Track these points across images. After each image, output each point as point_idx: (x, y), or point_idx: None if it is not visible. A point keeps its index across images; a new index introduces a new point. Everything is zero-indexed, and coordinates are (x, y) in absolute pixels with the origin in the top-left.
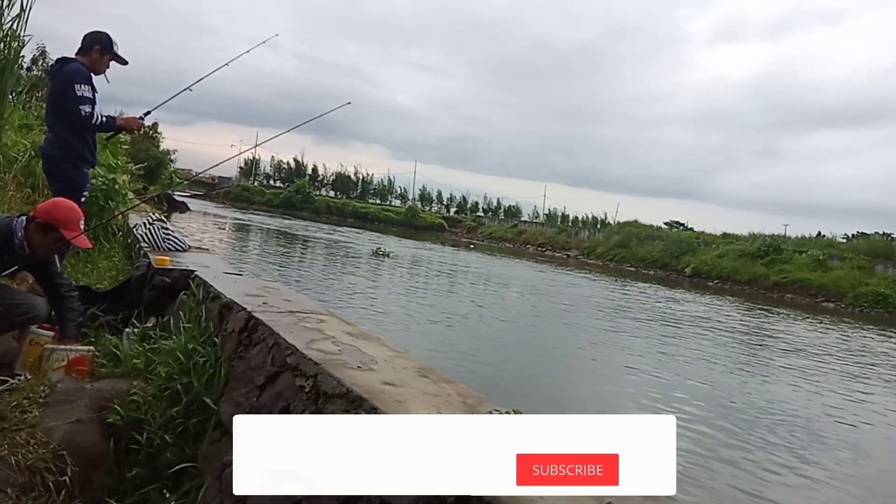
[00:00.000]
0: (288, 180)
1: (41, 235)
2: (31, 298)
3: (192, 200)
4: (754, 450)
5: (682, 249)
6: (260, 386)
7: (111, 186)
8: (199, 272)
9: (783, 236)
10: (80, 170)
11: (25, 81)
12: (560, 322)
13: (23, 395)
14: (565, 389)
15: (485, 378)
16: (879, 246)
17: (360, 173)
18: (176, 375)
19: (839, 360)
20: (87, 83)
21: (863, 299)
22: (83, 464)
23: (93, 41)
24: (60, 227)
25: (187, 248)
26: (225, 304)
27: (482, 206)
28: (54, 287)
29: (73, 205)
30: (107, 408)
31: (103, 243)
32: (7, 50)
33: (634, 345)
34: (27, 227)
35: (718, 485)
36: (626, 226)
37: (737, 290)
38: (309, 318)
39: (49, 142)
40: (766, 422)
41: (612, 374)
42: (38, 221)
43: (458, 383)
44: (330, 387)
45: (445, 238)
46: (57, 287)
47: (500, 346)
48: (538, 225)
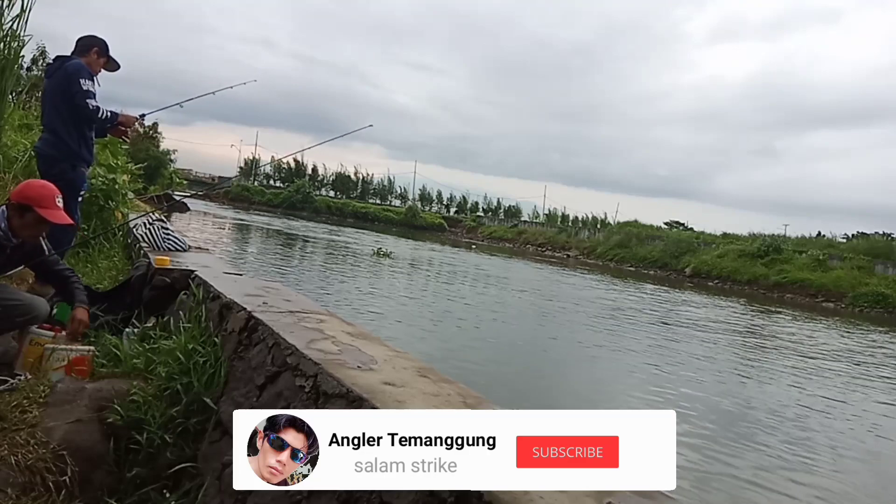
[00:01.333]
0: (288, 180)
1: (19, 218)
2: (30, 298)
3: (192, 200)
4: (754, 450)
5: (682, 249)
6: (260, 386)
7: (111, 186)
8: (199, 272)
9: (783, 236)
10: (77, 169)
11: (25, 81)
12: (560, 322)
13: (23, 395)
14: (565, 389)
15: (485, 378)
16: (879, 246)
17: (360, 173)
18: (176, 375)
19: (839, 361)
20: (90, 79)
21: (863, 299)
22: (83, 464)
23: (91, 43)
24: (34, 205)
25: (187, 248)
26: (225, 303)
27: (482, 206)
28: (55, 273)
29: (45, 183)
30: (107, 408)
31: (103, 243)
32: (7, 50)
33: (634, 345)
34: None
35: (718, 483)
36: (625, 226)
37: (737, 290)
38: (309, 318)
39: (45, 141)
40: (766, 422)
41: (612, 373)
42: (12, 204)
43: (459, 383)
44: (330, 387)
45: (445, 238)
46: (57, 272)
47: (500, 345)
48: (538, 225)
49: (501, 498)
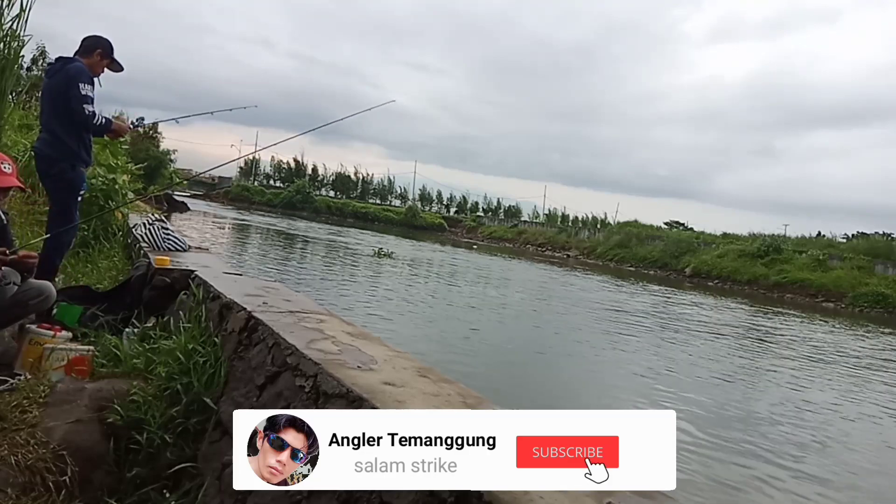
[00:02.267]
0: (288, 180)
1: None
2: (39, 282)
3: (192, 200)
4: (754, 450)
5: (682, 249)
6: (260, 386)
7: (111, 186)
8: (199, 272)
9: (783, 236)
10: (76, 169)
11: (25, 81)
12: (561, 322)
13: (23, 395)
14: (565, 389)
15: (485, 378)
16: (879, 246)
17: (360, 173)
18: (176, 375)
19: (838, 361)
20: (90, 83)
21: (863, 299)
22: (83, 464)
23: (96, 44)
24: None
25: (187, 248)
26: (225, 303)
27: (482, 206)
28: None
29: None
30: (107, 408)
31: (103, 243)
32: (7, 50)
33: (635, 345)
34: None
35: (718, 482)
36: (625, 226)
37: (737, 290)
38: (309, 318)
39: (43, 141)
40: (767, 423)
41: (613, 373)
42: None
43: (459, 383)
44: (330, 387)
45: (445, 238)
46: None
47: (500, 345)
48: (538, 225)
49: (501, 498)
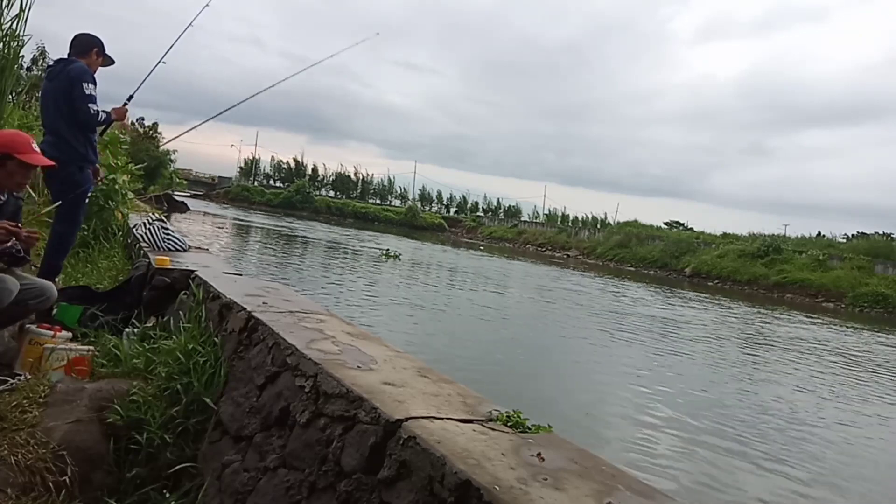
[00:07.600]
0: (288, 180)
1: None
2: (41, 282)
3: (192, 200)
4: (754, 450)
5: (682, 249)
6: (260, 386)
7: (111, 186)
8: (199, 272)
9: (783, 236)
10: (84, 171)
11: (25, 81)
12: (561, 322)
13: (23, 395)
14: (566, 390)
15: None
16: (879, 246)
17: (360, 173)
18: (176, 375)
19: (838, 361)
20: (93, 82)
21: (863, 299)
22: (83, 464)
23: (91, 44)
24: (12, 152)
25: (187, 248)
26: (225, 304)
27: (482, 206)
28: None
29: (16, 131)
30: (107, 408)
31: (103, 243)
32: (7, 50)
33: (635, 345)
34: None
35: (718, 482)
36: (625, 226)
37: (737, 289)
38: (309, 318)
39: (48, 143)
40: (767, 423)
41: (613, 373)
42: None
43: (458, 383)
44: (330, 387)
45: (445, 238)
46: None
47: (500, 345)
48: (538, 225)
49: (501, 498)
